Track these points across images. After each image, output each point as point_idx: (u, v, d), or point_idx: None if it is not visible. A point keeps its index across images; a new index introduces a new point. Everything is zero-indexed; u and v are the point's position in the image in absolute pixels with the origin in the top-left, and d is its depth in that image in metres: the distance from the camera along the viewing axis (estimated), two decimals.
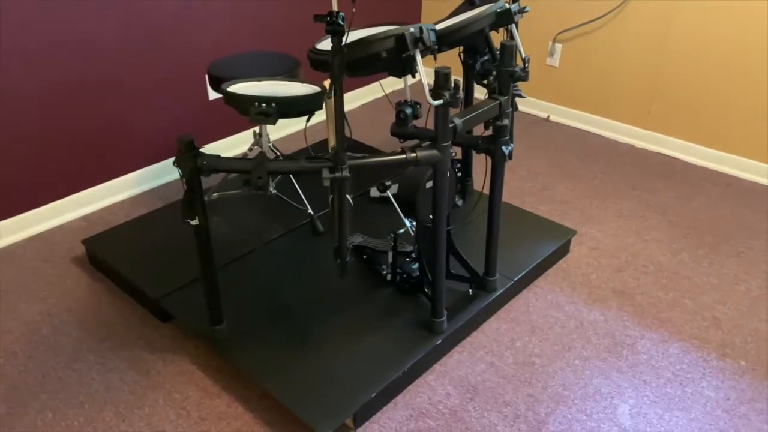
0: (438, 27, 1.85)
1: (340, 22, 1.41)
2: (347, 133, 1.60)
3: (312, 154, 1.76)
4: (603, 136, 3.52)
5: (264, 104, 1.64)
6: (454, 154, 1.76)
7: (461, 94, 1.62)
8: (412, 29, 1.55)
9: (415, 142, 1.85)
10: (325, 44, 1.98)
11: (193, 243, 2.29)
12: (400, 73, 2.01)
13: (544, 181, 3.07)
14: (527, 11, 1.85)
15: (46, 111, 2.54)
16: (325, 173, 1.61)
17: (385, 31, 1.58)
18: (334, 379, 1.85)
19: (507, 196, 2.91)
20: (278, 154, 2.58)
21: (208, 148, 3.16)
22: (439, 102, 1.61)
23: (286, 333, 2.02)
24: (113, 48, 2.65)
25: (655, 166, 3.22)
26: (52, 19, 2.43)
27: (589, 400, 1.92)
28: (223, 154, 3.24)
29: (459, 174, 2.62)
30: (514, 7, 1.80)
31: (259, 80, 1.91)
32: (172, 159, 1.67)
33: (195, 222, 1.71)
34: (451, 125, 1.69)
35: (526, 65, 1.82)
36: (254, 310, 2.11)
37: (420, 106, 1.95)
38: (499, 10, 1.80)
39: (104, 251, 2.40)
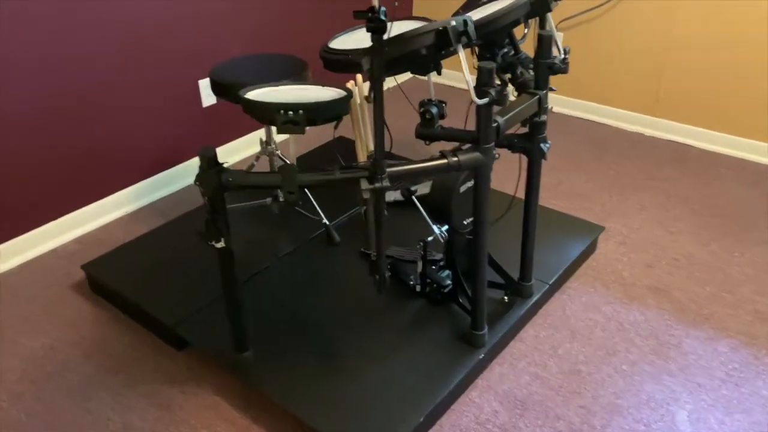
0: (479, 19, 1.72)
1: (382, 17, 1.27)
2: (387, 141, 1.46)
3: (341, 162, 1.62)
4: (609, 125, 3.43)
5: (291, 112, 1.49)
6: (497, 156, 1.63)
7: (508, 91, 1.49)
8: (453, 23, 1.42)
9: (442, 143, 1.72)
10: (339, 43, 1.83)
11: (202, 262, 2.14)
12: (424, 71, 1.88)
13: (557, 175, 2.97)
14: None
15: (30, 128, 2.35)
16: (364, 184, 1.47)
17: (423, 27, 1.44)
18: (374, 404, 1.72)
19: (521, 192, 2.79)
20: (285, 161, 2.42)
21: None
22: (485, 100, 1.48)
23: (315, 354, 1.88)
24: (97, 60, 2.46)
25: (668, 154, 3.14)
26: (32, 35, 2.24)
27: (644, 408, 1.82)
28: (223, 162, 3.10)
29: None
30: None
31: (276, 85, 1.75)
32: (167, 171, 1.51)
33: (221, 244, 1.55)
34: (493, 124, 1.56)
35: (566, 56, 1.70)
36: (277, 332, 1.97)
37: (446, 104, 1.82)
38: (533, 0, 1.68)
39: (107, 276, 2.23)
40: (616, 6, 3.20)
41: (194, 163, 2.95)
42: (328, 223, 2.33)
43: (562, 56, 1.71)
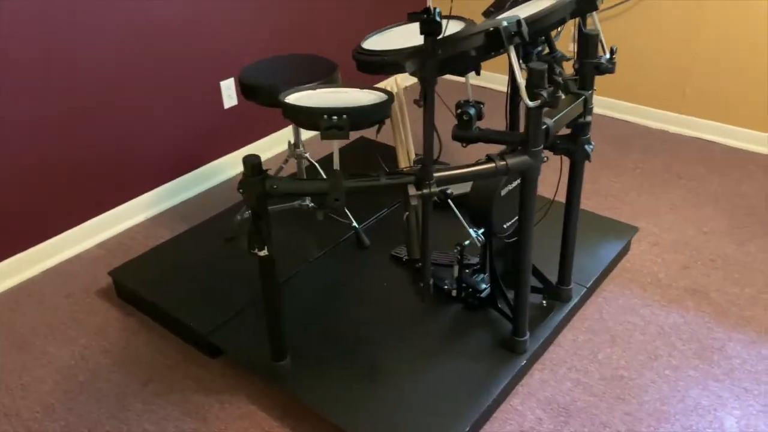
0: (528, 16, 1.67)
1: (437, 19, 1.22)
2: (437, 146, 1.42)
3: (384, 167, 1.58)
4: (632, 122, 3.39)
5: (335, 117, 1.45)
6: (546, 159, 1.59)
7: (561, 93, 1.45)
8: (506, 23, 1.37)
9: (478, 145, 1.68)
10: (372, 43, 1.79)
11: (230, 268, 2.11)
12: (463, 72, 1.83)
13: (588, 174, 2.91)
14: None
15: (50, 133, 2.31)
16: (411, 190, 1.43)
17: (473, 27, 1.39)
18: (416, 413, 1.68)
19: (548, 193, 2.75)
20: (312, 162, 2.38)
21: (225, 160, 2.95)
22: (536, 103, 1.43)
23: (352, 362, 1.84)
24: (118, 63, 2.42)
25: (694, 152, 3.09)
26: (50, 38, 2.19)
27: (691, 415, 1.78)
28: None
29: None
30: None
31: (313, 89, 1.71)
32: (188, 175, 1.46)
33: (263, 253, 1.51)
34: (543, 127, 1.52)
35: (613, 56, 1.65)
36: (313, 339, 1.93)
37: (483, 105, 1.77)
38: None
39: (135, 282, 2.19)
40: (642, 1, 3.15)
41: (215, 165, 2.91)
42: (357, 226, 2.29)
43: (609, 55, 1.67)
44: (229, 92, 2.83)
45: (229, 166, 2.96)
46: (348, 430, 1.65)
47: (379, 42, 1.80)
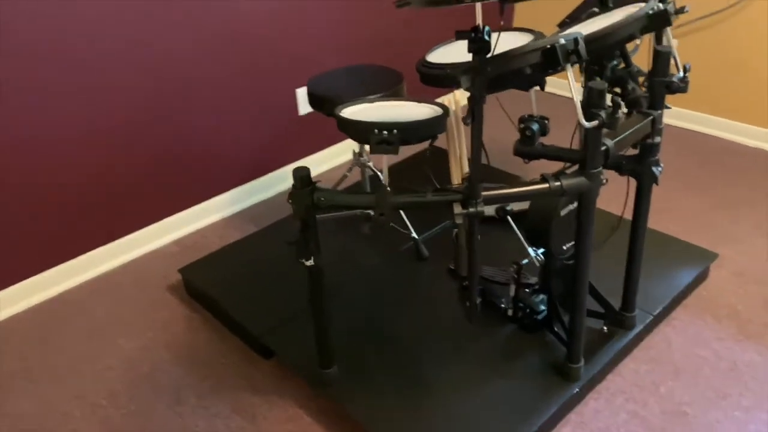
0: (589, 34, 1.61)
1: (486, 37, 1.20)
2: (484, 161, 1.39)
3: (434, 182, 1.56)
4: (724, 138, 3.18)
5: (385, 132, 1.45)
6: (605, 181, 1.52)
7: (621, 114, 1.38)
8: (563, 41, 1.32)
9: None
10: (437, 56, 1.77)
11: (292, 272, 2.15)
12: (527, 87, 1.78)
13: (663, 193, 2.77)
14: (686, 11, 1.58)
15: (133, 135, 2.44)
16: (457, 209, 1.41)
17: (528, 44, 1.35)
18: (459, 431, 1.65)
19: (627, 213, 2.62)
20: (375, 172, 2.39)
21: (297, 165, 3.02)
22: (594, 123, 1.37)
23: (400, 375, 1.84)
24: (197, 66, 2.53)
25: None
26: (136, 43, 2.32)
27: None
28: (315, 170, 3.10)
29: None
30: (670, 7, 1.53)
31: (371, 101, 1.72)
32: (262, 178, 1.49)
33: (310, 263, 1.53)
34: (602, 148, 1.45)
35: (686, 74, 1.56)
36: (362, 348, 1.94)
37: (548, 121, 1.72)
38: (651, 12, 1.54)
39: (201, 281, 2.28)
40: (737, 13, 2.95)
41: (287, 170, 2.99)
42: (417, 237, 2.28)
43: (682, 74, 1.57)
44: (304, 99, 2.90)
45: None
46: None
47: (443, 54, 1.79)
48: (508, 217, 1.93)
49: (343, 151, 3.17)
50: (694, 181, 2.84)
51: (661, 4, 1.53)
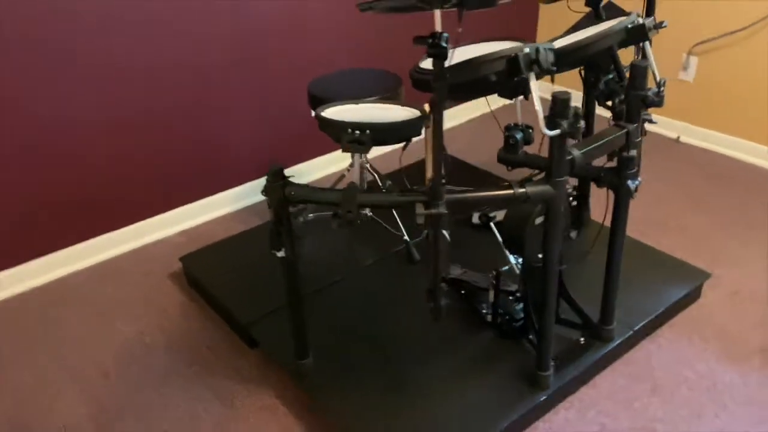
0: (557, 44, 1.63)
1: (443, 44, 1.24)
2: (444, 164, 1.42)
3: (407, 184, 1.60)
4: (741, 160, 3.11)
5: (358, 131, 1.50)
6: (570, 190, 1.53)
7: (582, 123, 1.40)
8: (527, 50, 1.35)
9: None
10: (429, 63, 1.82)
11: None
12: (510, 95, 1.81)
13: (670, 210, 2.74)
14: (665, 26, 1.59)
15: (151, 128, 2.56)
16: (419, 209, 1.45)
17: (495, 52, 1.39)
18: (423, 431, 1.68)
19: (627, 227, 2.60)
20: (374, 174, 2.44)
21: (308, 164, 3.10)
22: (556, 132, 1.40)
23: (375, 372, 1.88)
24: (212, 65, 2.63)
25: None
26: (156, 44, 2.44)
27: None
28: (326, 170, 3.17)
29: (574, 203, 2.36)
30: (648, 21, 1.54)
31: (357, 102, 1.77)
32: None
33: (281, 254, 1.59)
34: (568, 158, 1.47)
35: (661, 89, 1.56)
36: (342, 344, 1.98)
37: (532, 130, 1.75)
38: (630, 26, 1.56)
39: (199, 270, 2.37)
40: (758, 32, 2.90)
41: (298, 168, 3.07)
42: (409, 240, 2.32)
43: (657, 88, 1.57)
44: None
45: (311, 170, 3.10)
46: None
47: None
48: (491, 224, 1.95)
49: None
50: (702, 200, 2.80)
51: (640, 19, 1.54)
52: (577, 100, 1.49)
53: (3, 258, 2.39)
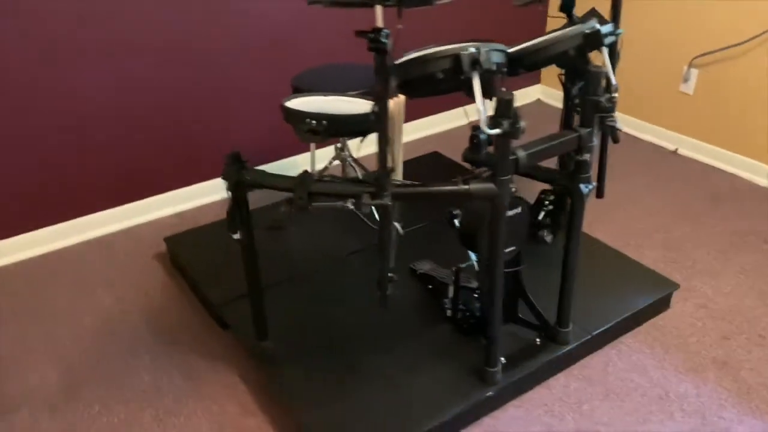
0: (518, 47, 1.67)
1: (384, 39, 1.29)
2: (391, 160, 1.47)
3: (359, 176, 1.65)
4: (738, 176, 3.08)
5: (314, 121, 1.56)
6: (514, 190, 1.57)
7: (522, 124, 1.43)
8: (472, 49, 1.39)
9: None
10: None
11: (267, 250, 2.28)
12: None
13: (657, 223, 2.73)
14: (620, 33, 1.61)
15: (154, 111, 2.66)
16: (366, 199, 1.50)
17: (442, 50, 1.43)
18: (365, 418, 1.73)
19: (611, 235, 2.62)
20: (356, 169, 2.49)
21: (304, 156, 3.16)
22: (497, 131, 1.43)
23: (332, 357, 1.93)
24: (213, 55, 2.71)
25: None
26: (164, 33, 2.53)
27: None
28: (324, 161, 3.24)
29: (551, 207, 2.38)
30: (605, 28, 1.57)
31: (327, 95, 1.83)
32: (273, 164, 1.63)
33: (236, 236, 1.66)
34: (512, 157, 1.51)
35: (614, 95, 1.59)
36: (306, 329, 2.05)
37: None
38: (588, 32, 1.58)
39: (182, 251, 2.45)
40: (761, 45, 2.87)
41: (298, 159, 3.13)
42: None
43: (610, 94, 1.60)
44: None
45: (306, 163, 3.17)
46: (291, 418, 1.76)
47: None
48: (455, 221, 1.98)
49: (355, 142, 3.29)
50: (692, 214, 2.79)
51: (596, 25, 1.57)
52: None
53: (5, 228, 2.51)
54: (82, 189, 2.62)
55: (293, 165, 3.14)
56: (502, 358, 1.87)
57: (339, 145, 2.46)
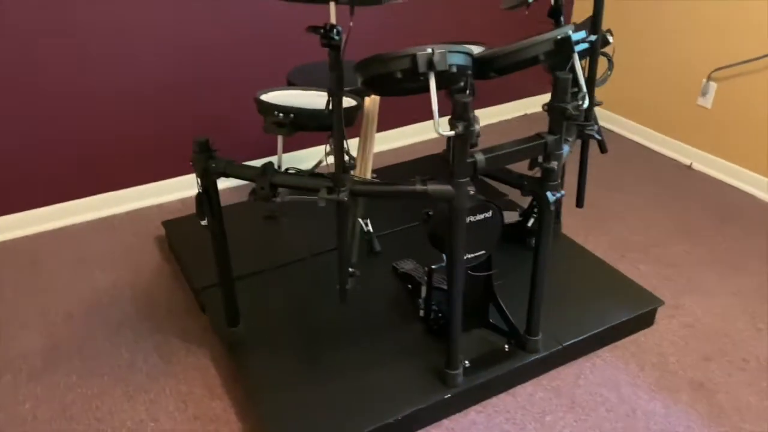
0: (487, 51, 1.66)
1: (335, 36, 1.31)
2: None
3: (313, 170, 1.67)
4: (752, 194, 2.98)
5: (282, 114, 1.59)
6: (473, 192, 1.56)
7: (477, 127, 1.43)
8: (428, 50, 1.40)
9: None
10: None
11: (254, 240, 2.33)
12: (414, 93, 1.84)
13: (656, 237, 2.67)
14: (591, 40, 1.58)
15: (164, 99, 2.74)
16: (322, 193, 1.52)
17: (403, 51, 1.44)
18: (326, 411, 1.75)
19: (606, 247, 2.57)
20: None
21: (309, 151, 3.21)
22: (450, 133, 1.43)
23: (300, 348, 1.96)
24: (215, 49, 2.77)
25: None
26: (164, 28, 2.61)
27: None
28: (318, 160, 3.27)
29: (536, 213, 2.35)
30: (576, 35, 1.55)
31: (306, 89, 1.86)
32: (274, 157, 1.67)
33: (204, 222, 1.71)
34: (470, 160, 1.50)
35: (581, 103, 1.56)
36: (280, 320, 2.08)
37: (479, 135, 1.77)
38: (559, 38, 1.57)
39: (177, 235, 2.52)
40: None
41: (304, 154, 3.17)
42: (371, 231, 2.39)
43: (578, 102, 1.57)
44: None
45: (310, 158, 3.21)
46: (252, 404, 1.80)
47: None
48: (425, 222, 1.98)
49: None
50: (694, 230, 2.71)
51: (568, 32, 1.55)
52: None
53: (15, 203, 2.63)
54: (90, 169, 2.72)
55: (298, 159, 3.18)
56: (466, 362, 1.87)
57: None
